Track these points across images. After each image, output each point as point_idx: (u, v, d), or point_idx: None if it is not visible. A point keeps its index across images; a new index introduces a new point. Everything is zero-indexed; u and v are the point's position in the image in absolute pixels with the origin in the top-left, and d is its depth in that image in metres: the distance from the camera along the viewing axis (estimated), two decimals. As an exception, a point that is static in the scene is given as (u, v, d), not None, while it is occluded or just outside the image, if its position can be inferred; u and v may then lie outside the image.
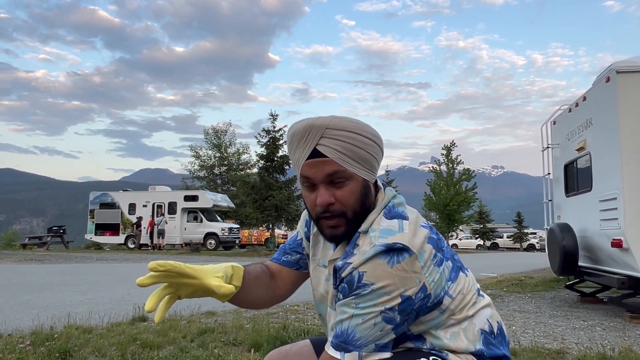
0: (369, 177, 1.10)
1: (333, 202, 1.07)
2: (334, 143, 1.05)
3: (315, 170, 1.07)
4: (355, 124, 1.08)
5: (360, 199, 1.08)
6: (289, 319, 4.83)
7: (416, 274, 1.00)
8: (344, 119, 1.08)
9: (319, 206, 1.07)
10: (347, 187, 1.07)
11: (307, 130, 1.06)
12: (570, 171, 6.89)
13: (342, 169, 1.06)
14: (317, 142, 1.06)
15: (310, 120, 1.08)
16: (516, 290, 7.85)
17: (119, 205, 24.83)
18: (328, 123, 1.06)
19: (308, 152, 1.07)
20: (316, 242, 1.28)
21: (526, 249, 39.41)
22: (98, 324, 4.40)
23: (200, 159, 38.54)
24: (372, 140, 1.09)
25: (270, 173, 22.78)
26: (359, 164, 1.07)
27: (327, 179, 1.07)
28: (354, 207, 1.08)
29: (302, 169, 1.09)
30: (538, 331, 4.61)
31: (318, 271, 1.25)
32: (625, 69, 5.21)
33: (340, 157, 1.05)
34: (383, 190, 1.16)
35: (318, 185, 1.08)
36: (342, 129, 1.06)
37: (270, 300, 1.32)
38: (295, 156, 1.11)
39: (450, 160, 33.28)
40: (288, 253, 1.36)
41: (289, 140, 1.11)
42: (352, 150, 1.06)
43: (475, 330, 1.11)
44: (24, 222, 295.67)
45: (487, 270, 12.22)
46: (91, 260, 14.91)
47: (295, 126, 1.10)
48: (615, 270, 5.44)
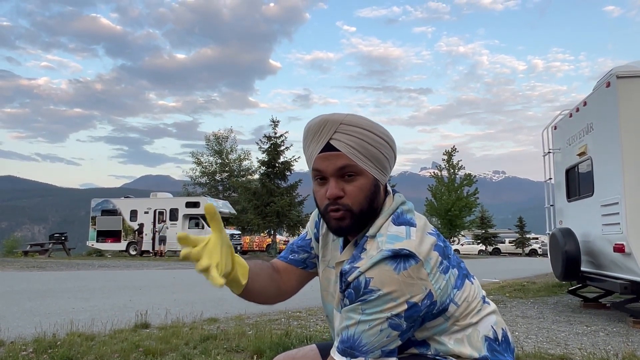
0: (380, 177, 1.12)
1: (342, 195, 1.08)
2: (347, 138, 1.07)
3: (327, 164, 1.08)
4: (369, 122, 1.10)
5: (369, 197, 1.09)
6: (291, 325, 4.82)
7: (422, 280, 1.01)
8: (358, 116, 1.10)
9: (327, 199, 1.09)
10: (357, 182, 1.08)
11: (322, 125, 1.09)
12: (571, 176, 6.89)
13: (353, 163, 1.07)
14: (330, 136, 1.08)
15: (325, 116, 1.10)
16: (519, 295, 7.82)
17: (121, 212, 24.85)
18: (343, 119, 1.08)
19: (322, 146, 1.08)
20: (325, 242, 1.29)
21: (528, 254, 39.29)
22: (100, 331, 4.40)
23: (202, 165, 38.60)
24: (385, 140, 1.11)
25: (271, 179, 22.81)
26: (370, 161, 1.09)
27: (337, 172, 1.08)
28: (362, 204, 1.09)
29: (314, 162, 1.10)
30: (541, 337, 4.60)
31: (328, 272, 1.26)
32: (626, 74, 5.23)
33: (352, 152, 1.07)
34: (392, 195, 1.17)
35: (328, 178, 1.09)
36: (356, 125, 1.08)
37: (276, 294, 1.32)
38: (309, 151, 1.12)
39: (451, 165, 33.31)
40: (295, 252, 1.37)
41: (305, 135, 1.13)
42: (365, 147, 1.08)
43: (479, 337, 1.12)
44: (26, 229, 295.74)
45: (489, 275, 12.19)
46: (93, 267, 14.91)
47: (310, 122, 1.12)
48: (618, 275, 5.42)
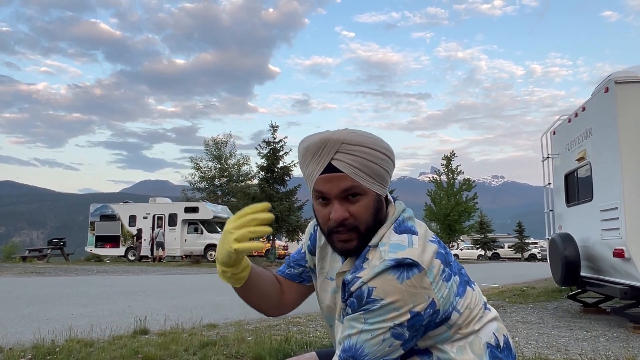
0: (382, 191, 1.10)
1: (347, 217, 1.06)
2: (349, 158, 1.04)
3: (330, 186, 1.06)
4: (371, 139, 1.07)
5: (374, 213, 1.08)
6: (290, 331, 4.81)
7: (425, 289, 1.00)
8: (359, 133, 1.07)
9: (332, 221, 1.07)
10: (361, 202, 1.07)
11: (323, 144, 1.05)
12: (570, 181, 6.90)
13: (357, 184, 1.05)
14: (332, 156, 1.05)
15: (326, 135, 1.06)
16: (518, 300, 7.81)
17: (120, 217, 24.81)
18: (344, 138, 1.05)
19: (323, 167, 1.06)
20: (323, 254, 1.28)
21: (527, 259, 39.28)
22: (99, 337, 4.38)
23: (201, 170, 38.56)
24: (387, 156, 1.09)
25: (270, 184, 22.81)
26: (374, 179, 1.07)
27: (342, 194, 1.06)
28: (368, 222, 1.08)
29: (315, 183, 1.07)
30: (541, 342, 4.59)
31: (325, 284, 1.25)
32: (624, 80, 5.25)
33: (355, 173, 1.05)
34: (393, 203, 1.16)
35: (332, 200, 1.07)
36: (357, 144, 1.05)
37: (277, 303, 1.33)
38: (308, 170, 1.09)
39: (450, 170, 33.35)
40: (292, 266, 1.37)
41: (302, 153, 1.10)
42: (367, 166, 1.05)
43: (481, 344, 1.12)
44: (24, 234, 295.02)
45: (488, 280, 12.18)
46: (91, 273, 14.86)
47: (309, 139, 1.09)
48: (618, 280, 5.42)
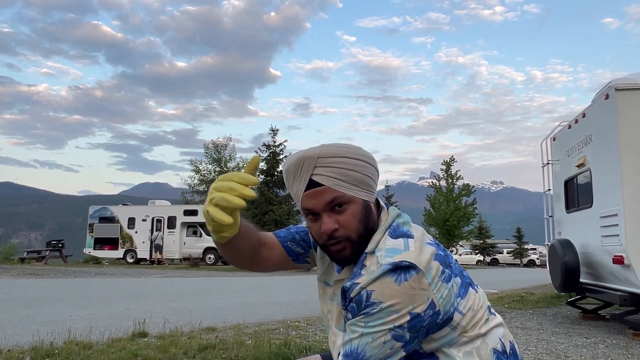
0: (368, 197, 1.12)
1: (337, 227, 1.09)
2: (328, 171, 1.07)
3: (315, 201, 1.09)
4: (345, 148, 1.10)
5: (363, 220, 1.10)
6: (290, 335, 4.80)
7: (424, 291, 1.01)
8: (333, 145, 1.11)
9: (324, 234, 1.09)
10: (348, 211, 1.09)
11: (300, 163, 1.09)
12: (570, 187, 6.91)
13: (340, 194, 1.08)
14: (311, 172, 1.08)
15: (301, 153, 1.10)
16: (517, 306, 7.80)
17: (118, 219, 24.75)
18: (319, 152, 1.08)
19: (305, 184, 1.09)
20: (323, 255, 1.29)
21: (526, 264, 39.24)
22: (98, 339, 4.37)
23: (200, 173, 38.52)
24: (365, 162, 1.11)
25: (270, 188, 22.85)
26: (356, 186, 1.09)
27: (327, 206, 1.08)
28: (358, 230, 1.10)
29: (302, 201, 1.11)
30: (541, 348, 4.58)
31: (320, 287, 1.29)
32: (624, 87, 5.26)
33: (336, 183, 1.07)
34: (386, 209, 1.18)
35: (320, 214, 1.09)
36: (333, 155, 1.08)
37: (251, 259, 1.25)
38: (293, 190, 1.13)
39: (449, 175, 33.34)
40: (296, 242, 1.33)
41: (285, 176, 1.14)
42: (347, 175, 1.08)
43: (488, 350, 1.12)
44: (23, 235, 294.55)
45: (488, 286, 12.15)
46: (90, 275, 14.84)
47: (287, 161, 1.13)
48: (617, 287, 5.42)
